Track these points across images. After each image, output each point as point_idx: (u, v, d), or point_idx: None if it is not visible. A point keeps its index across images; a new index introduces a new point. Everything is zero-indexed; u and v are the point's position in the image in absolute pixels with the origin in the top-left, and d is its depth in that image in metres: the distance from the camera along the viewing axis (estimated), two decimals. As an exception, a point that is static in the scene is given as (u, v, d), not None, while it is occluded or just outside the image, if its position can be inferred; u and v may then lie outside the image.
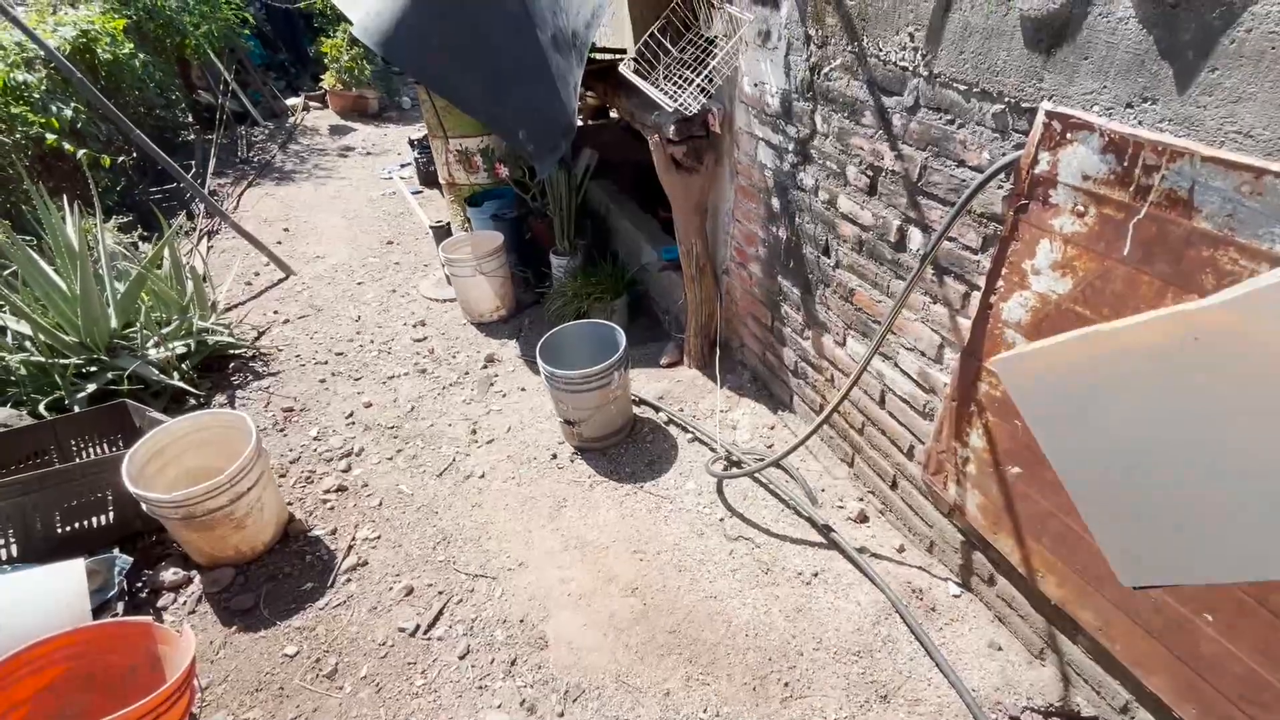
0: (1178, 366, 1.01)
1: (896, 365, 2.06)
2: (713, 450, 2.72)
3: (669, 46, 2.53)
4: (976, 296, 1.68)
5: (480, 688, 1.94)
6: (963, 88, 1.55)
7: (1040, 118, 1.36)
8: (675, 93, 2.38)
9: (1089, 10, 1.23)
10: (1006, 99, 1.45)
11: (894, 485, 2.26)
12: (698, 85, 2.36)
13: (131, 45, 5.22)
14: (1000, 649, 1.93)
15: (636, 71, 2.47)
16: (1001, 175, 1.49)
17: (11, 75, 3.82)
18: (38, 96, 3.98)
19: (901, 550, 2.25)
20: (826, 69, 1.98)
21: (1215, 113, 1.10)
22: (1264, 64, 1.02)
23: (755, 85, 2.36)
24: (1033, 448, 1.63)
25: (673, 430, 2.88)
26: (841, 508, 2.42)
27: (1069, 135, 1.32)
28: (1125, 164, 1.23)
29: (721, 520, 2.42)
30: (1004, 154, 1.49)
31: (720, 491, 2.54)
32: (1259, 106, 1.04)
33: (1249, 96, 1.05)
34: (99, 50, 4.84)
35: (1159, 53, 1.14)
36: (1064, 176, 1.36)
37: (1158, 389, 1.07)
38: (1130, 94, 1.21)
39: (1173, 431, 1.09)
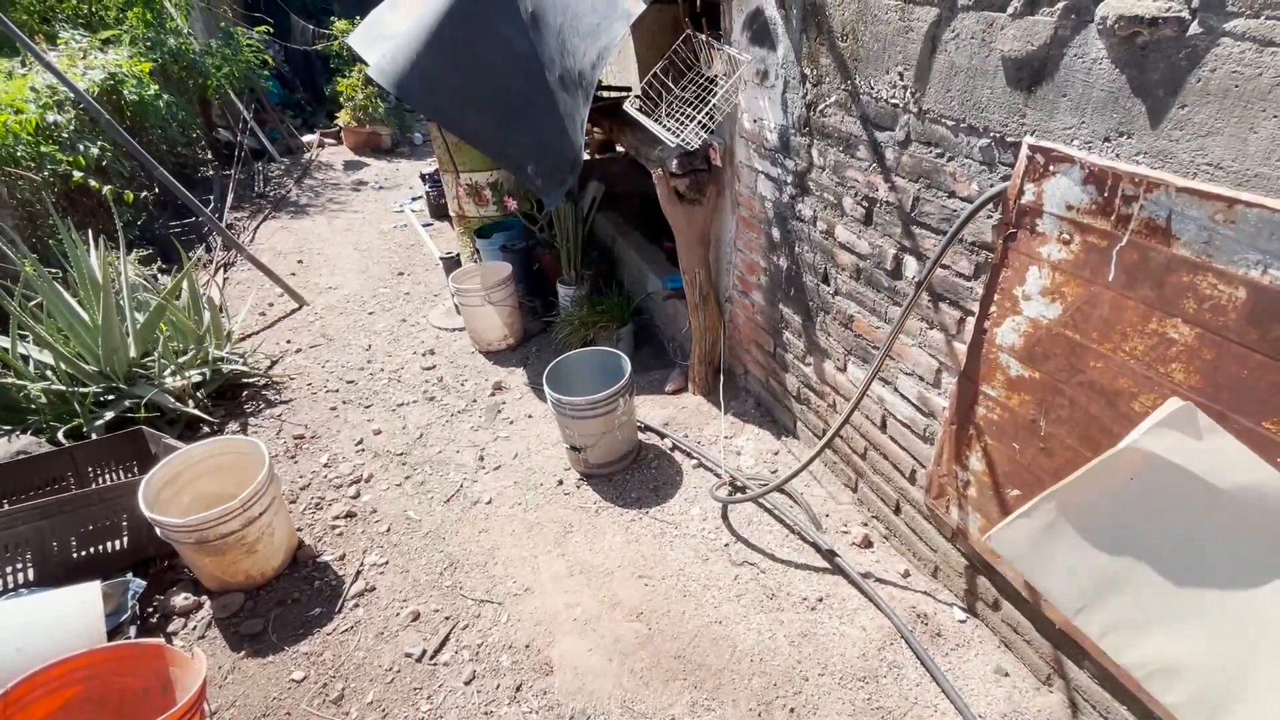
0: (1133, 503, 1.22)
1: (896, 390, 2.10)
2: (717, 476, 2.74)
3: (671, 85, 2.64)
4: (971, 322, 1.72)
5: (486, 713, 1.94)
6: (950, 123, 1.62)
7: (1024, 151, 1.43)
8: (678, 128, 2.48)
9: (1065, 51, 1.30)
10: (992, 134, 1.52)
11: (897, 510, 2.28)
12: (699, 122, 2.45)
13: (156, 87, 5.43)
14: (1007, 675, 1.92)
15: (640, 109, 2.58)
16: (990, 205, 1.55)
17: (44, 117, 3.99)
18: (66, 136, 4.15)
19: (906, 575, 2.26)
20: (822, 106, 2.07)
21: (1187, 146, 1.16)
22: (1229, 101, 1.08)
23: (754, 121, 2.45)
24: (1032, 469, 1.66)
25: (678, 456, 2.91)
26: (846, 532, 2.43)
27: (1051, 168, 1.38)
28: (1106, 194, 1.29)
29: (726, 545, 2.43)
30: (992, 185, 1.55)
31: (725, 517, 2.55)
32: (1226, 140, 1.10)
33: (1217, 131, 1.11)
34: (125, 92, 5.05)
35: (1131, 90, 1.21)
36: (1049, 206, 1.41)
37: (1130, 523, 1.32)
38: (1107, 129, 1.27)
39: (1163, 557, 1.31)
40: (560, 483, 2.80)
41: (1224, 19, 1.06)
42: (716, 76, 2.53)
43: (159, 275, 4.22)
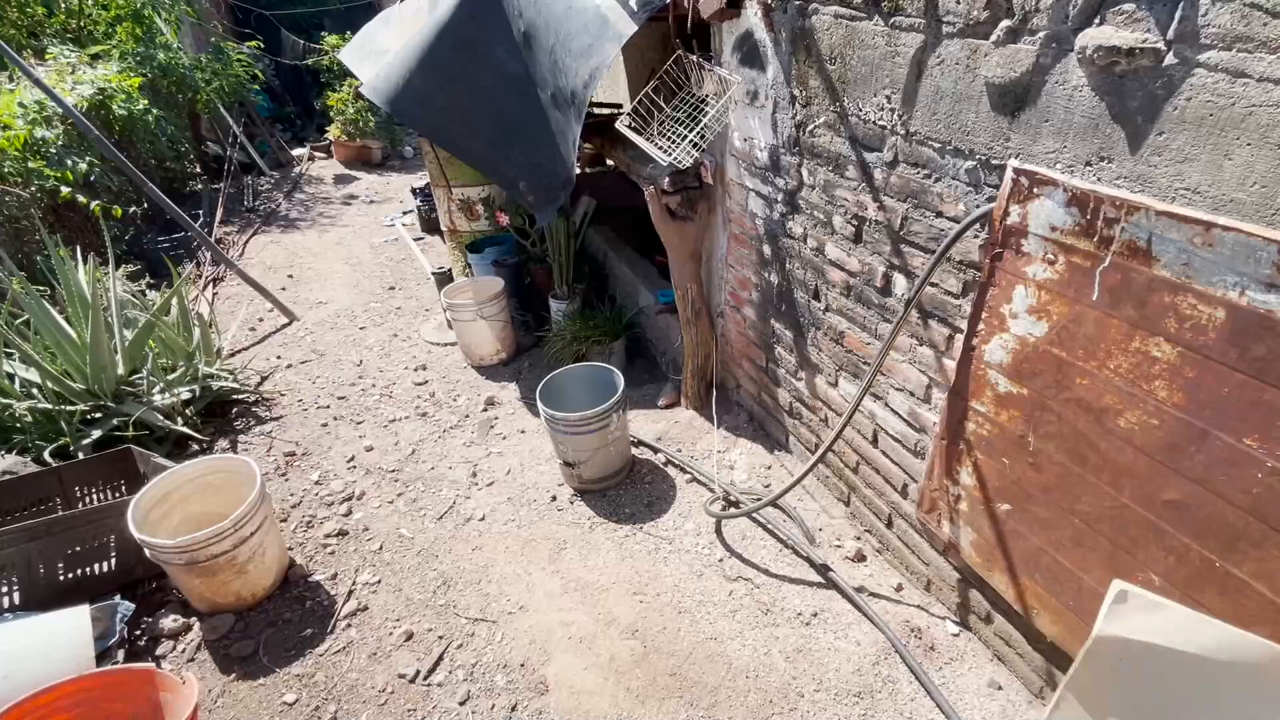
0: (1137, 682, 1.26)
1: (887, 405, 2.12)
2: (711, 490, 2.75)
3: (662, 105, 2.68)
4: (960, 339, 1.75)
5: (481, 734, 1.93)
6: (937, 145, 1.66)
7: (1009, 174, 1.46)
8: (669, 147, 2.51)
9: (1046, 79, 1.34)
10: (978, 156, 1.56)
11: (890, 524, 2.29)
12: (690, 140, 2.48)
13: (145, 101, 5.42)
14: (1000, 688, 1.94)
15: (632, 127, 2.61)
16: (977, 225, 1.59)
17: (32, 133, 3.97)
18: (54, 151, 4.13)
19: (899, 589, 2.27)
20: (811, 126, 2.11)
21: (1165, 171, 1.19)
22: (1204, 129, 1.12)
23: (745, 140, 2.49)
24: (1021, 484, 1.69)
25: (671, 471, 2.92)
26: (839, 547, 2.45)
27: (1036, 190, 1.41)
28: (1088, 217, 1.33)
29: (720, 561, 2.44)
30: (978, 206, 1.59)
31: (719, 532, 2.56)
32: (1203, 166, 1.13)
33: (1194, 157, 1.14)
34: (114, 107, 5.04)
35: (1111, 117, 1.25)
36: (1034, 227, 1.45)
37: (1144, 701, 1.28)
38: (1088, 153, 1.31)
39: None
40: (554, 499, 2.80)
41: (1198, 50, 1.10)
42: (707, 96, 2.57)
43: (147, 290, 4.19)
